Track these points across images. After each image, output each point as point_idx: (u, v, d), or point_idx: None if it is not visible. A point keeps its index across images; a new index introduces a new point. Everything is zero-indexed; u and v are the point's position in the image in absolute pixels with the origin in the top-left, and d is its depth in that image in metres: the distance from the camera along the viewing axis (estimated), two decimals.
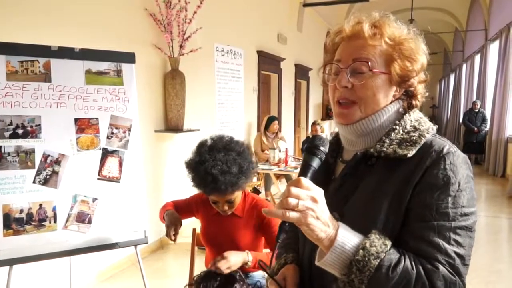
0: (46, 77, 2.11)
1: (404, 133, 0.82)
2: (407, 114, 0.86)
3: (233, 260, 1.53)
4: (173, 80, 3.67)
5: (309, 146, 0.81)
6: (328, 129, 9.18)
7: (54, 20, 2.62)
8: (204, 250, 1.92)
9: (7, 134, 1.98)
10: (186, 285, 1.78)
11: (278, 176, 5.26)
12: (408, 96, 0.87)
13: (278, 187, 5.55)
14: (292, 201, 0.68)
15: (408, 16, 8.41)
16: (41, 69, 2.09)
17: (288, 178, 5.22)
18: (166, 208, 1.81)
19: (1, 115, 1.97)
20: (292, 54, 7.29)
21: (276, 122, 5.39)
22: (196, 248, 1.98)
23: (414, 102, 0.88)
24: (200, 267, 1.85)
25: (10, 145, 1.99)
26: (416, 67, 0.83)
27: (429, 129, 0.83)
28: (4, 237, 1.96)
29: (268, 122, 5.36)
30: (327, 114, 9.79)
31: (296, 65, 7.63)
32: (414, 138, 0.80)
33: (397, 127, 0.83)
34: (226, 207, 1.65)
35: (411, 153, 0.78)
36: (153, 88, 3.65)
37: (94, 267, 3.02)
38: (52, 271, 2.61)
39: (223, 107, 5.00)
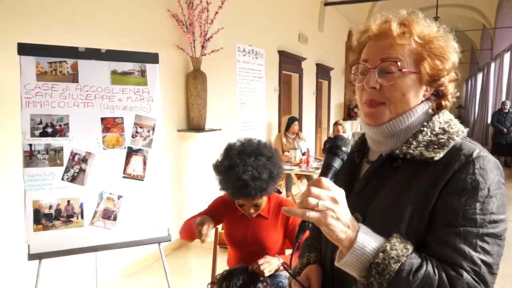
0: (73, 78, 2.17)
1: (432, 135, 0.80)
2: (436, 116, 0.83)
3: (274, 264, 1.54)
4: (195, 80, 3.71)
5: (331, 146, 0.80)
6: (350, 129, 9.05)
7: (81, 23, 2.70)
8: (226, 249, 1.93)
9: (37, 132, 2.06)
10: (208, 284, 1.80)
11: (299, 177, 5.23)
12: (438, 96, 0.85)
13: (299, 188, 5.52)
14: (312, 200, 0.68)
15: (433, 13, 8.18)
16: (69, 70, 2.16)
17: (309, 178, 5.18)
18: (189, 221, 1.71)
19: (32, 114, 2.05)
20: (313, 53, 7.22)
21: (297, 122, 5.35)
22: (218, 247, 2.00)
23: (443, 102, 0.85)
24: (222, 266, 1.86)
25: (40, 143, 2.06)
26: (447, 66, 0.81)
27: (458, 131, 0.80)
28: (34, 232, 2.03)
29: (288, 123, 5.33)
30: (349, 114, 9.64)
31: (318, 65, 7.56)
32: (443, 140, 0.78)
33: (425, 128, 0.81)
34: (252, 210, 1.65)
35: (438, 156, 0.76)
36: (176, 88, 3.70)
37: (118, 263, 3.09)
38: (78, 266, 2.69)
39: (244, 107, 5.01)
